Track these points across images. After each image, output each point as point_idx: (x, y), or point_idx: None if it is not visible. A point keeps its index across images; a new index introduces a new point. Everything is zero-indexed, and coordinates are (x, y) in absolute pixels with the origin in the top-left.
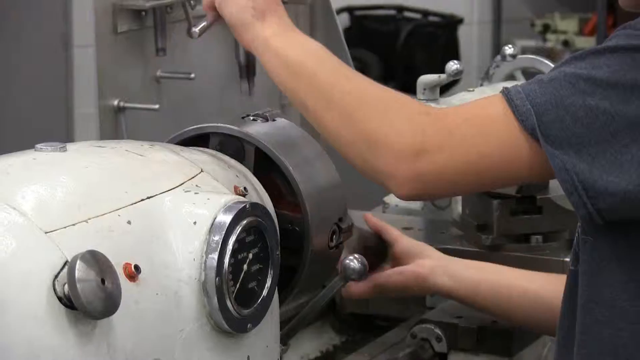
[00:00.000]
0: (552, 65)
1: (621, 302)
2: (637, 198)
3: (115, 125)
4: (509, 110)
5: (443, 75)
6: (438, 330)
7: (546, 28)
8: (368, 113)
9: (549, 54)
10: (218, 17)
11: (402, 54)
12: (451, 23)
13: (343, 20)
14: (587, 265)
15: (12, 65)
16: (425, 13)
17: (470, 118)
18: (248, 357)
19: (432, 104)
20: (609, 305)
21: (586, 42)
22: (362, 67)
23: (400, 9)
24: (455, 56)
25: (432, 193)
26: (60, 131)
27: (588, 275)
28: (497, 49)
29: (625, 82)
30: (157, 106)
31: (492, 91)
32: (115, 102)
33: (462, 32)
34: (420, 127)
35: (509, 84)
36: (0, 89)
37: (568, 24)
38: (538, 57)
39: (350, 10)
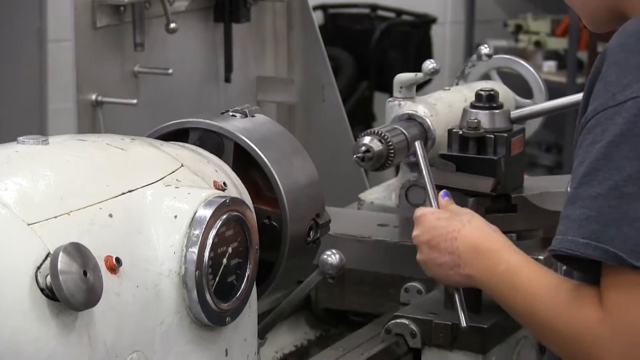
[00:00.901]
0: (527, 65)
1: None
2: None
3: (93, 120)
4: None
5: (420, 74)
6: (413, 326)
7: (519, 29)
8: (575, 349)
9: (522, 54)
10: None
11: (375, 52)
12: (425, 22)
13: (317, 18)
14: None
15: None
16: (399, 12)
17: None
18: (226, 350)
19: (409, 102)
20: None
21: (558, 43)
22: (335, 66)
23: (374, 7)
24: (429, 55)
25: None
26: (34, 125)
27: None
28: (469, 48)
29: None
30: (135, 101)
31: (467, 90)
32: (93, 97)
33: (436, 31)
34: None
35: (485, 84)
36: None
37: (540, 25)
38: (513, 57)
39: (324, 8)
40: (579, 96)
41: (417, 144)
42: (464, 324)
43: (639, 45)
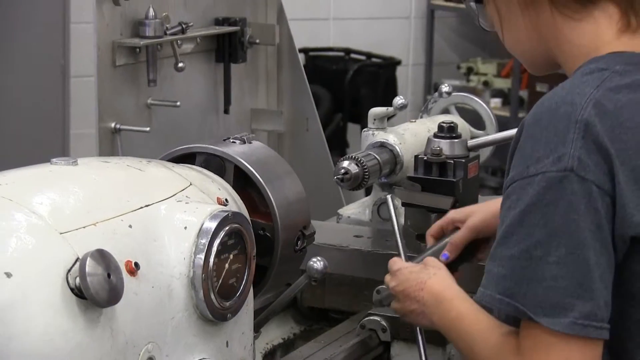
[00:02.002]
0: (481, 102)
1: None
2: None
3: (112, 144)
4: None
5: (390, 108)
6: (383, 323)
7: (470, 70)
8: None
9: (473, 92)
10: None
11: (349, 89)
12: (391, 64)
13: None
14: None
15: (15, 93)
16: (369, 55)
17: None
18: (227, 342)
19: (381, 132)
20: None
21: (503, 83)
22: (315, 100)
23: (347, 51)
24: (394, 92)
25: None
26: (57, 148)
27: None
28: (428, 87)
29: None
30: (148, 129)
31: (430, 122)
32: (113, 125)
33: (400, 72)
34: None
35: (445, 117)
36: (3, 112)
37: (488, 68)
38: (469, 95)
39: (305, 51)
40: None
41: (389, 198)
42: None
43: (551, 122)
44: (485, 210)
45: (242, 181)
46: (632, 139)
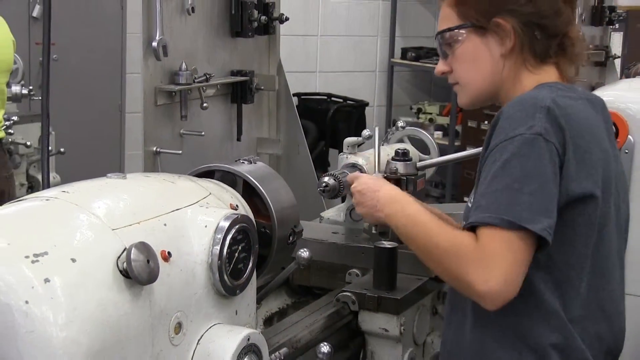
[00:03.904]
0: (426, 134)
1: None
2: None
3: (153, 163)
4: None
5: (360, 138)
6: (353, 297)
7: (419, 110)
8: (454, 266)
9: (421, 127)
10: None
11: (330, 123)
12: (361, 105)
13: (293, 101)
14: None
15: (86, 124)
16: (345, 99)
17: (494, 242)
18: (236, 311)
19: (353, 155)
20: None
21: (444, 120)
22: (304, 132)
23: (329, 95)
24: (363, 126)
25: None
26: (115, 165)
27: None
28: (388, 123)
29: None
30: (180, 152)
31: (389, 148)
32: (154, 148)
33: (368, 111)
34: (481, 267)
35: (400, 145)
36: (76, 139)
37: (433, 108)
38: (418, 129)
39: (298, 95)
40: (458, 154)
41: (376, 129)
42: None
43: (523, 107)
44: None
45: (248, 191)
46: (576, 126)
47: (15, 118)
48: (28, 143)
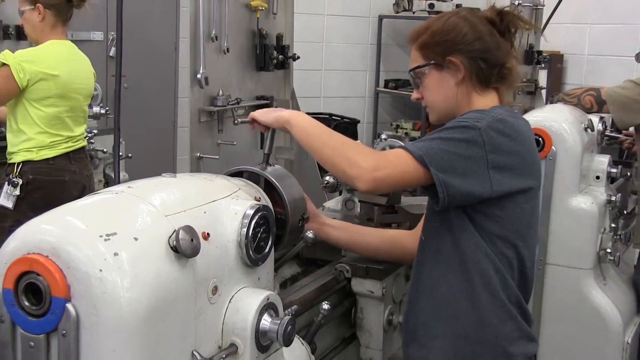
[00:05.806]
0: (402, 144)
1: (451, 255)
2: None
3: (197, 166)
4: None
5: None
6: (347, 267)
7: (398, 126)
8: (350, 151)
9: (399, 139)
10: (256, 123)
11: None
12: (354, 122)
13: None
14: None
15: (148, 136)
16: (342, 117)
17: (398, 156)
18: (259, 277)
19: None
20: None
21: (416, 133)
22: None
23: (330, 114)
24: (356, 138)
25: (380, 189)
26: (169, 167)
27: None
28: (374, 135)
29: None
30: (217, 157)
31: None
32: (198, 154)
33: (359, 127)
34: (374, 158)
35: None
36: (140, 147)
37: (407, 125)
38: (396, 140)
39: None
40: None
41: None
42: (266, 151)
43: (478, 113)
44: None
45: (269, 187)
46: (520, 137)
47: (95, 131)
48: (104, 150)
